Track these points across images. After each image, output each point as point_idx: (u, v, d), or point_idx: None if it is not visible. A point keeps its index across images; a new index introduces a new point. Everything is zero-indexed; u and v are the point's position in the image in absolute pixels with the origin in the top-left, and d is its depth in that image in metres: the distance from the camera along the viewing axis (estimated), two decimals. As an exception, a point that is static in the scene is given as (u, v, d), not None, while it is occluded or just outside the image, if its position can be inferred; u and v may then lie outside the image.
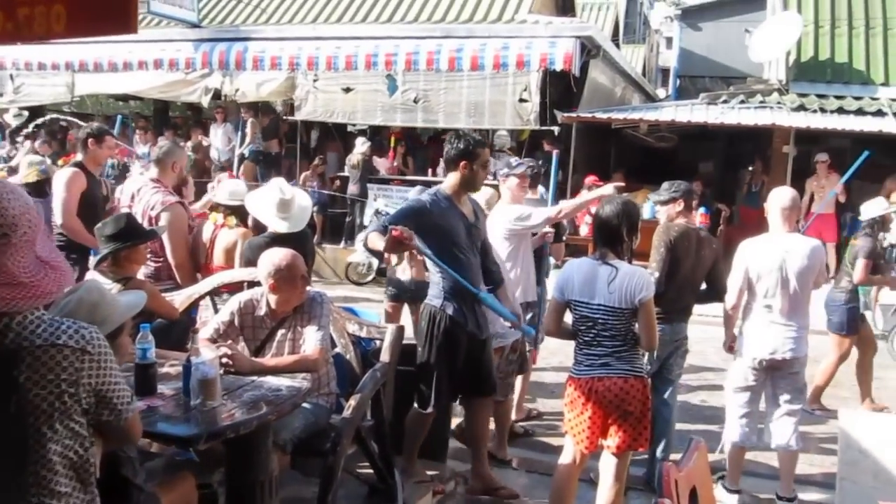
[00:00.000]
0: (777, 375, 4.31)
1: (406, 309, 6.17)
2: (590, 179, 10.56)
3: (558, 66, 10.52)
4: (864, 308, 6.57)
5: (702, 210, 5.52)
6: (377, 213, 9.35)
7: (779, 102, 10.58)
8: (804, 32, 11.30)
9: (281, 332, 3.63)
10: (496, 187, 5.46)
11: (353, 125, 13.11)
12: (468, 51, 10.88)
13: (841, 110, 10.23)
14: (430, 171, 11.83)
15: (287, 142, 13.37)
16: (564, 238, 6.69)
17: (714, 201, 11.50)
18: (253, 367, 3.37)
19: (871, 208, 6.09)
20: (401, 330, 4.09)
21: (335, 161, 13.14)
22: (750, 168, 12.17)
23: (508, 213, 4.83)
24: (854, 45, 11.43)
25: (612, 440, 3.56)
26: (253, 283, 4.10)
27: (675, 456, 3.89)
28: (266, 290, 3.55)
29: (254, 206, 4.70)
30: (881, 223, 6.04)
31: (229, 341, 3.54)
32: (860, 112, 10.16)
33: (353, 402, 3.64)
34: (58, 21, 2.15)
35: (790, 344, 4.20)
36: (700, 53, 16.33)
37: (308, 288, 3.68)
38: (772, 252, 4.23)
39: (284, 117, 13.11)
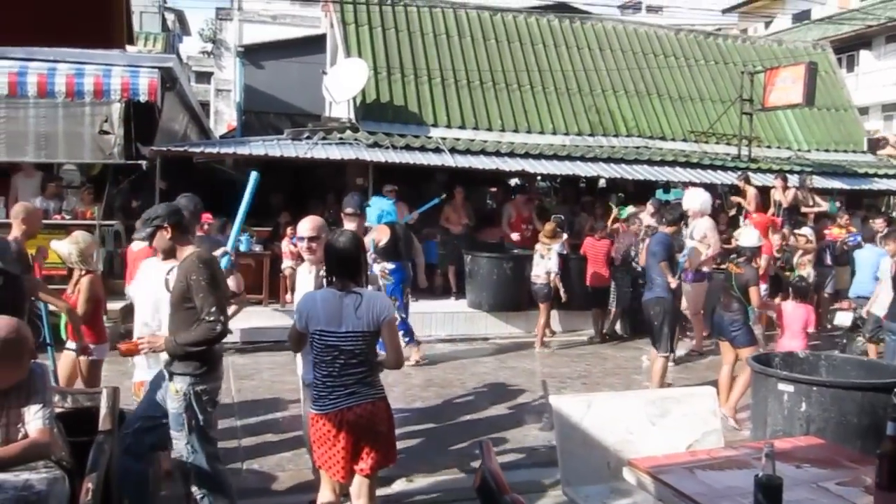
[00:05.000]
0: None
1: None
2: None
3: (143, 97, 10.01)
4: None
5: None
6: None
7: (355, 139, 11.57)
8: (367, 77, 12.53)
9: (-9, 419, 2.96)
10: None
11: None
12: (33, 75, 9.67)
13: (408, 147, 11.62)
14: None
15: None
16: None
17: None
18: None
19: (749, 239, 6.99)
20: (116, 391, 3.62)
21: None
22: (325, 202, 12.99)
23: None
24: (407, 90, 13.08)
25: (366, 462, 3.67)
26: None
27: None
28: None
29: None
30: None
31: None
32: (423, 149, 11.67)
33: (89, 484, 3.13)
34: None
35: None
36: (263, 90, 16.88)
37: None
38: None
39: None
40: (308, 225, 4.57)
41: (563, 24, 15.26)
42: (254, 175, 4.77)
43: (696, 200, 9.24)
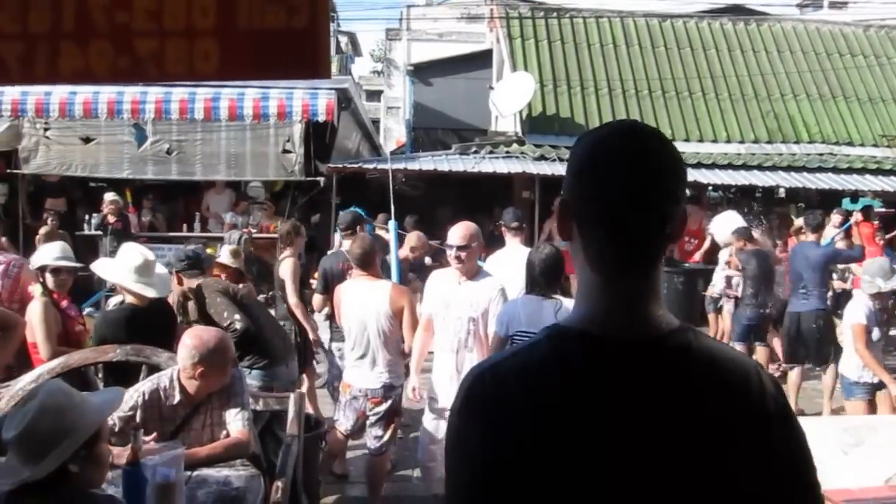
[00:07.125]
0: None
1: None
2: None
3: (321, 118, 10.57)
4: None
5: None
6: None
7: (522, 152, 11.62)
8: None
9: (197, 419, 3.23)
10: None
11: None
12: (225, 100, 10.48)
13: (574, 159, 11.50)
14: (185, 226, 11.08)
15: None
16: None
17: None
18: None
19: None
20: (303, 397, 3.85)
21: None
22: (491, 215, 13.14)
23: None
24: (574, 102, 13.00)
25: None
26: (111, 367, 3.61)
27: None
28: (188, 375, 3.13)
29: (109, 273, 4.12)
30: None
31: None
32: (589, 161, 11.51)
33: (280, 484, 3.34)
34: (206, 60, 1.76)
35: None
36: (431, 107, 17.37)
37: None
38: None
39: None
40: (459, 233, 4.17)
41: (737, 26, 14.59)
42: None
43: (724, 229, 8.74)
